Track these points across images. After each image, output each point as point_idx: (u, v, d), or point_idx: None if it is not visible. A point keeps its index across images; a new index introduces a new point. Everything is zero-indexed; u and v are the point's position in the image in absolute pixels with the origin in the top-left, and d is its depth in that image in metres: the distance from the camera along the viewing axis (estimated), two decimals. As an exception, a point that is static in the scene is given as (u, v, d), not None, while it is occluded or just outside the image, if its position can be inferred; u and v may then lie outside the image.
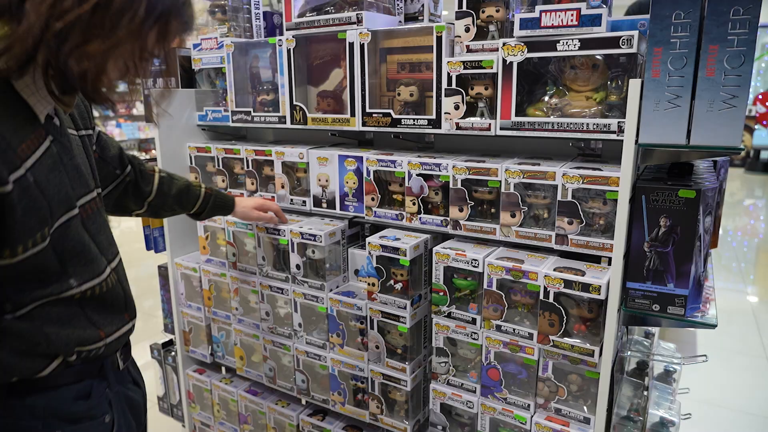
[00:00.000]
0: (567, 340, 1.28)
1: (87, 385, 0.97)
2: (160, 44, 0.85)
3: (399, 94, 1.53)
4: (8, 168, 0.76)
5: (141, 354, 3.12)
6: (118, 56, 0.80)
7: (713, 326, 1.18)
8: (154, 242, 2.08)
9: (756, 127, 9.32)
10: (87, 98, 0.85)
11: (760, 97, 9.18)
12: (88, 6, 0.74)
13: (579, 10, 1.20)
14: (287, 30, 1.66)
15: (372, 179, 1.58)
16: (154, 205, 1.40)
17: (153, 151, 7.78)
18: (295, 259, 1.70)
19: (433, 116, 1.45)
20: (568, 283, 1.25)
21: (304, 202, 1.75)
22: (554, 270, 1.28)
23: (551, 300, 1.28)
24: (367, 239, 1.53)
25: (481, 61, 1.34)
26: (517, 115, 1.32)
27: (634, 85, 1.12)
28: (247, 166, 1.85)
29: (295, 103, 1.69)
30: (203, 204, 1.53)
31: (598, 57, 1.24)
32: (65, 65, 0.76)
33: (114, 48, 0.78)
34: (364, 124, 1.57)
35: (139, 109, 7.73)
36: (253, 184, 1.85)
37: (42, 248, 0.84)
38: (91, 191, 0.97)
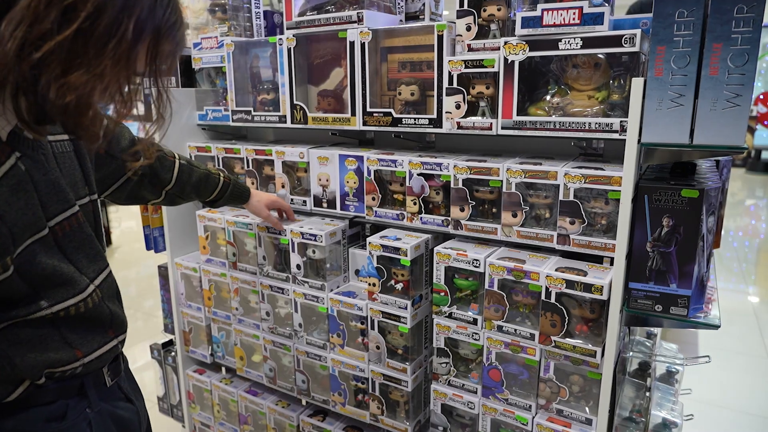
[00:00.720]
0: (569, 340, 1.27)
1: (62, 406, 0.90)
2: (151, 69, 0.78)
3: (400, 94, 1.52)
4: None
5: (141, 354, 3.13)
6: (103, 87, 0.71)
7: (716, 327, 1.18)
8: (154, 242, 2.08)
9: (757, 127, 9.31)
10: (68, 132, 0.76)
11: (762, 97, 9.16)
12: (69, 32, 0.65)
13: (581, 8, 1.19)
14: (288, 29, 1.66)
15: (373, 179, 1.58)
16: (171, 194, 1.38)
17: (153, 151, 7.76)
18: (295, 259, 1.69)
19: (434, 115, 1.44)
20: (570, 284, 1.24)
21: (305, 201, 1.74)
22: (556, 270, 1.27)
23: (553, 300, 1.27)
24: (368, 239, 1.52)
25: (482, 60, 1.33)
26: (518, 114, 1.31)
27: (637, 83, 1.11)
28: (248, 166, 1.84)
29: (295, 102, 1.68)
30: (221, 192, 1.52)
31: (600, 56, 1.23)
32: (43, 99, 0.67)
33: (99, 78, 0.69)
34: (364, 124, 1.56)
35: (139, 109, 7.72)
36: (253, 183, 1.85)
37: (5, 278, 0.77)
38: (72, 206, 0.88)
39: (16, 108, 0.70)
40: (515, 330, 1.35)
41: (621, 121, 1.18)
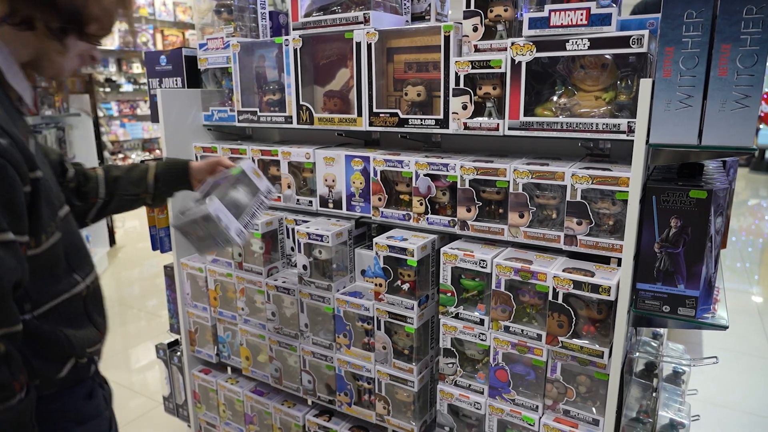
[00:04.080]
0: (576, 341, 1.27)
1: (89, 386, 1.00)
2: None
3: (406, 94, 1.52)
4: (31, 157, 0.81)
5: (146, 353, 3.14)
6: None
7: (724, 328, 1.17)
8: (160, 242, 2.08)
9: (761, 126, 9.28)
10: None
11: (766, 96, 9.12)
12: None
13: (589, 9, 1.19)
14: (293, 30, 1.66)
15: (379, 179, 1.58)
16: (104, 200, 1.26)
17: (157, 151, 7.79)
18: (301, 259, 1.69)
19: (441, 116, 1.44)
20: (577, 284, 1.24)
21: (311, 202, 1.74)
22: (563, 271, 1.27)
23: (560, 301, 1.27)
24: (374, 239, 1.52)
25: (489, 60, 1.34)
26: (525, 115, 1.31)
27: (645, 84, 1.11)
28: (253, 166, 1.84)
29: (301, 102, 1.69)
30: (155, 172, 1.33)
31: (607, 56, 1.23)
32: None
33: None
34: (371, 124, 1.57)
35: (143, 109, 7.74)
36: (259, 184, 1.85)
37: (57, 239, 0.88)
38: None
39: (46, 18, 0.84)
40: (522, 330, 1.35)
41: (629, 122, 1.18)
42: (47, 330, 0.89)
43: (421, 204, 1.51)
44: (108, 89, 7.38)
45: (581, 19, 1.21)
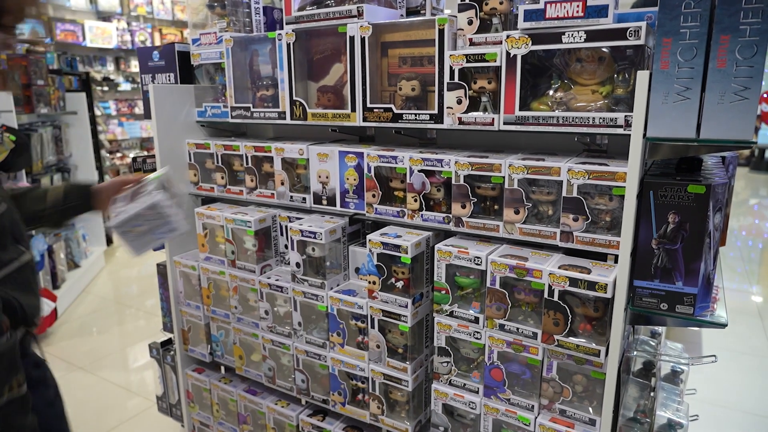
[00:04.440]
0: (572, 339, 1.25)
1: (35, 358, 1.09)
2: None
3: (400, 89, 1.50)
4: None
5: (144, 353, 3.11)
6: None
7: (723, 326, 1.15)
8: (152, 240, 2.06)
9: (761, 126, 9.26)
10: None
11: (765, 95, 9.11)
12: None
13: (585, 1, 1.17)
14: (287, 24, 1.64)
15: (373, 175, 1.55)
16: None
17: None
18: (294, 257, 1.67)
19: (435, 111, 1.42)
20: (573, 282, 1.22)
21: (304, 199, 1.72)
22: (559, 268, 1.25)
23: (556, 298, 1.25)
24: (368, 237, 1.50)
25: (484, 54, 1.31)
26: (521, 109, 1.29)
27: (643, 77, 1.09)
28: (247, 163, 1.82)
29: (295, 98, 1.66)
30: (64, 189, 1.32)
31: (604, 49, 1.21)
32: None
33: None
34: (364, 120, 1.54)
35: (141, 107, 7.72)
36: (252, 180, 1.83)
37: (4, 210, 0.98)
38: None
39: None
40: (517, 329, 1.33)
41: (626, 116, 1.16)
42: (2, 296, 0.96)
43: (416, 200, 1.49)
44: (106, 88, 7.36)
45: (577, 11, 1.18)
